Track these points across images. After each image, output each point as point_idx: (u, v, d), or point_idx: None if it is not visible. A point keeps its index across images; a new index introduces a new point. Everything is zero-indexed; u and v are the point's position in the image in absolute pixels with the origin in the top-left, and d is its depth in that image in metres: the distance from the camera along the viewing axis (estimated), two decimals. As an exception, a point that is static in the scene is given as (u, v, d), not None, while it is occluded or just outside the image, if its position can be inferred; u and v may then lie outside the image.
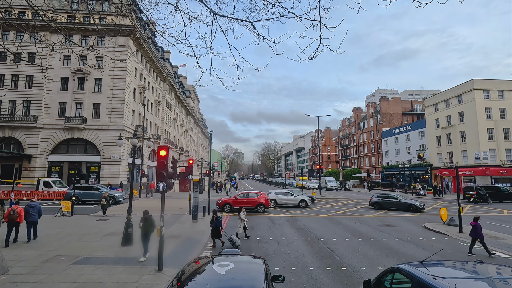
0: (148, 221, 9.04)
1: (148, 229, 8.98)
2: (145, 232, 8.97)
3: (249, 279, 3.86)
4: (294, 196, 24.18)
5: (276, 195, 24.31)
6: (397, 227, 15.43)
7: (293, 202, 23.83)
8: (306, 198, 24.25)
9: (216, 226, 10.94)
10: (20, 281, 7.11)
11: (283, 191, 25.71)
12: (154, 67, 44.32)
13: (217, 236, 11.01)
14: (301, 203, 23.69)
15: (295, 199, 23.83)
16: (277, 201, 23.88)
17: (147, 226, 8.98)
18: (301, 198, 23.95)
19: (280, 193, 24.94)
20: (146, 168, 38.97)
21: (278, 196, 24.21)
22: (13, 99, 32.56)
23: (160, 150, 8.45)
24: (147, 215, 9.14)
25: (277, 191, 25.62)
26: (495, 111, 38.19)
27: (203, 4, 5.26)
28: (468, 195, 29.04)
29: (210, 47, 5.70)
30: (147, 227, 8.98)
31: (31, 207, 11.44)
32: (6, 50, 13.08)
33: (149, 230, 8.99)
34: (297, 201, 23.72)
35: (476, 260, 4.30)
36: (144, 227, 8.97)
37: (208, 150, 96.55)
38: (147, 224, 9.00)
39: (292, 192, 25.24)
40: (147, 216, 9.11)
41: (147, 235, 9.00)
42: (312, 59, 5.16)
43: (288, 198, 24.09)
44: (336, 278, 7.78)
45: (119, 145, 17.33)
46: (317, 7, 4.74)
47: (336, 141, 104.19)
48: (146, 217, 9.08)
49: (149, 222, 9.03)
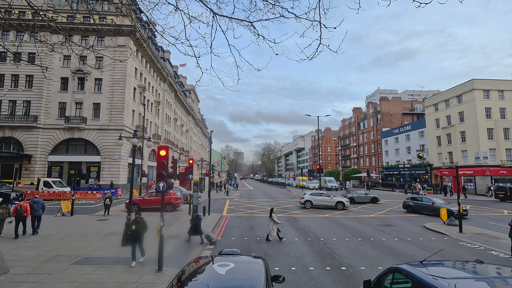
0: (140, 223, 8.57)
1: (139, 232, 8.51)
2: (136, 235, 8.48)
3: (249, 279, 3.86)
4: (330, 197, 23.40)
5: (311, 196, 23.64)
6: (397, 227, 15.43)
7: (329, 204, 23.01)
8: (344, 200, 23.27)
9: (196, 224, 11.35)
10: (20, 281, 7.11)
11: (319, 192, 24.73)
12: (154, 67, 44.32)
13: (196, 233, 11.41)
14: (338, 205, 22.80)
15: (332, 201, 23.05)
16: (313, 202, 23.25)
17: (139, 228, 8.52)
18: (338, 200, 23.12)
19: (315, 194, 24.07)
20: (146, 168, 38.97)
21: (314, 197, 23.55)
22: (13, 99, 32.57)
23: (160, 150, 8.46)
24: (139, 216, 8.67)
25: (312, 192, 24.84)
26: (495, 111, 38.19)
27: (203, 4, 5.25)
28: (501, 195, 29.99)
29: (210, 47, 5.70)
30: (139, 230, 8.50)
31: (36, 203, 12.66)
32: (6, 50, 13.08)
33: (140, 233, 8.52)
34: (334, 203, 22.88)
35: (476, 260, 4.30)
36: (137, 229, 8.49)
37: (208, 150, 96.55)
38: (139, 227, 8.53)
39: (328, 194, 24.37)
40: (139, 218, 8.63)
41: (139, 238, 8.52)
42: (312, 59, 5.17)
43: (324, 199, 23.32)
44: (336, 278, 7.78)
45: (119, 145, 17.33)
46: (317, 7, 4.74)
47: (336, 141, 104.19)
48: (138, 219, 8.60)
49: (141, 225, 8.56)
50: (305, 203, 23.33)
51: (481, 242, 12.00)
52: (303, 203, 23.45)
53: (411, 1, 4.33)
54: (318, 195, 23.93)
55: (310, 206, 23.18)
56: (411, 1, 4.42)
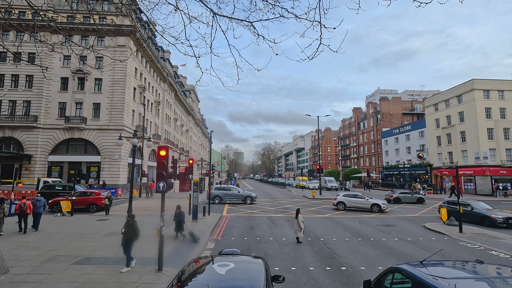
0: (131, 227, 8.13)
1: (130, 236, 8.08)
2: (126, 239, 8.06)
3: (249, 279, 3.86)
4: (365, 199, 22.17)
5: (344, 198, 22.70)
6: (397, 227, 15.43)
7: (364, 206, 21.80)
8: (380, 202, 21.76)
9: (179, 220, 11.57)
10: (20, 281, 7.10)
11: (353, 194, 23.47)
12: (154, 67, 44.32)
13: (180, 229, 11.66)
14: (373, 207, 21.41)
15: (366, 203, 21.80)
16: (346, 204, 22.29)
17: (129, 232, 8.09)
18: (373, 202, 21.70)
19: (349, 196, 23.02)
20: (146, 168, 38.98)
21: (347, 199, 22.54)
22: (13, 99, 32.57)
23: (160, 150, 8.45)
24: (131, 219, 8.25)
25: (346, 194, 23.77)
26: (495, 111, 38.20)
27: (203, 4, 5.26)
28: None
29: (210, 47, 5.70)
30: (129, 234, 8.08)
31: (38, 201, 13.50)
32: (6, 50, 13.09)
33: (131, 237, 8.10)
34: (369, 205, 21.60)
35: (476, 260, 4.30)
36: (126, 233, 8.07)
37: (208, 150, 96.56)
38: (130, 230, 8.10)
39: (362, 195, 23.12)
40: (131, 221, 8.22)
41: (129, 242, 8.09)
42: (312, 59, 5.15)
43: (358, 201, 22.20)
44: (336, 278, 7.78)
45: (119, 145, 17.34)
46: (317, 7, 4.74)
47: (336, 141, 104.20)
48: (129, 222, 8.19)
49: (131, 228, 8.11)
50: (338, 204, 22.51)
51: (481, 242, 12.00)
52: (335, 204, 22.70)
53: (411, 1, 4.33)
54: (352, 197, 22.79)
55: (343, 208, 22.23)
56: (411, 1, 4.43)
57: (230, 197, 26.27)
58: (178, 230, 11.80)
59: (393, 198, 28.54)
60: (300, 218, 11.81)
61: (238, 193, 26.54)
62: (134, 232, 8.11)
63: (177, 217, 11.77)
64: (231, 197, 26.30)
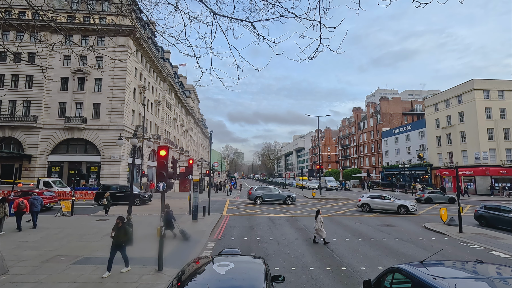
0: (122, 230, 7.60)
1: (120, 239, 7.59)
2: (116, 243, 7.57)
3: (249, 279, 3.85)
4: (391, 200, 21.08)
5: (369, 199, 21.75)
6: (397, 227, 15.43)
7: (390, 208, 20.78)
8: (408, 204, 20.53)
9: (167, 219, 11.57)
10: (20, 281, 7.10)
11: (378, 195, 22.45)
12: (154, 67, 44.32)
13: (169, 228, 11.72)
14: (400, 209, 20.32)
15: (393, 204, 20.73)
16: (371, 205, 21.33)
17: (119, 235, 7.57)
18: (400, 203, 20.54)
19: (374, 197, 22.00)
20: (146, 168, 38.97)
21: (372, 200, 21.59)
22: (13, 99, 32.56)
23: (160, 150, 8.46)
24: (121, 222, 7.71)
25: (370, 195, 22.76)
26: (495, 111, 38.20)
27: (203, 4, 5.25)
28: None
29: (210, 47, 5.70)
30: (119, 237, 7.57)
31: (36, 200, 14.00)
32: (6, 50, 13.10)
33: (122, 241, 7.60)
34: (395, 207, 20.53)
35: (476, 260, 4.30)
36: (117, 237, 7.56)
37: (208, 150, 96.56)
38: (120, 234, 7.58)
39: (388, 196, 21.99)
40: (120, 224, 7.69)
41: (121, 246, 7.63)
42: (312, 59, 5.16)
43: (383, 202, 21.24)
44: (336, 278, 7.78)
45: (119, 145, 17.32)
46: (317, 7, 4.74)
47: (336, 141, 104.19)
48: (119, 225, 7.67)
49: (122, 231, 7.59)
50: (362, 206, 21.66)
51: (481, 242, 12.00)
52: (359, 206, 21.87)
53: (410, 1, 4.33)
54: (377, 198, 21.78)
55: (368, 210, 21.36)
56: (410, 2, 4.43)
57: (271, 197, 26.36)
58: (167, 228, 11.93)
59: (425, 198, 28.38)
60: (320, 218, 11.53)
61: (279, 193, 26.81)
62: (126, 235, 7.64)
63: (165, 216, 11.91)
64: (272, 198, 26.36)
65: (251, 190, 26.44)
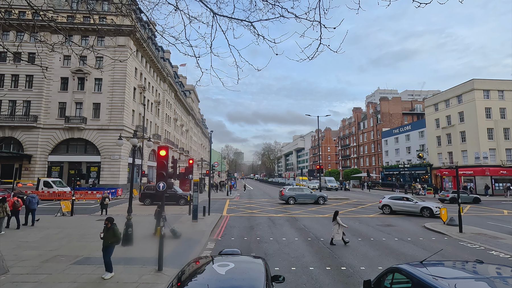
0: (110, 231, 7.50)
1: (111, 240, 7.45)
2: (106, 245, 7.46)
3: (249, 279, 3.86)
4: (413, 202, 19.89)
5: (390, 201, 20.79)
6: (397, 227, 15.43)
7: (412, 210, 19.60)
8: (432, 205, 19.24)
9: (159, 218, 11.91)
10: (20, 281, 7.10)
11: (400, 196, 21.50)
12: (154, 67, 44.32)
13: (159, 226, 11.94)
14: (424, 212, 19.12)
15: (416, 206, 19.57)
16: (392, 207, 20.36)
17: (108, 237, 7.45)
18: (424, 205, 19.34)
19: (396, 198, 21.07)
20: (146, 168, 38.98)
21: (394, 202, 20.64)
22: (13, 99, 32.58)
23: (160, 150, 8.46)
24: (110, 223, 7.59)
25: (392, 196, 21.78)
26: (495, 111, 38.19)
27: (203, 4, 5.26)
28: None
29: (210, 47, 5.70)
30: (109, 238, 7.44)
31: (33, 198, 14.52)
32: (6, 50, 13.09)
33: (112, 242, 7.48)
34: (418, 209, 19.42)
35: (476, 260, 4.30)
36: (106, 238, 7.44)
37: (208, 150, 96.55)
38: (109, 235, 7.46)
39: (411, 197, 20.81)
40: (109, 225, 7.57)
41: (109, 247, 7.50)
42: (312, 59, 5.15)
43: (405, 204, 20.11)
44: (336, 278, 7.78)
45: (119, 145, 17.33)
46: (317, 7, 4.74)
47: (336, 141, 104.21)
48: (108, 227, 7.56)
49: (111, 233, 7.48)
50: (383, 207, 20.71)
51: (481, 242, 12.00)
52: (380, 208, 20.98)
53: (410, 1, 4.33)
54: (399, 199, 20.76)
55: (389, 212, 20.37)
56: (410, 2, 4.43)
57: (304, 197, 26.62)
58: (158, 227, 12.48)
59: (449, 198, 28.20)
60: (338, 220, 11.29)
61: (311, 193, 27.13)
62: (115, 236, 7.52)
63: (157, 215, 12.45)
64: (304, 198, 26.62)
65: (283, 191, 26.88)
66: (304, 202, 26.52)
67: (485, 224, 16.55)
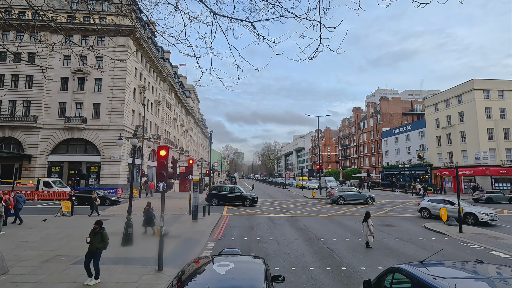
0: (98, 235, 7.10)
1: (95, 246, 7.04)
2: (91, 250, 7.06)
3: (249, 279, 3.86)
4: (454, 206, 17.03)
5: (430, 203, 19.21)
6: (397, 227, 15.43)
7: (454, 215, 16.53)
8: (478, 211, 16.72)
9: (148, 216, 12.56)
10: (20, 281, 7.10)
11: (441, 199, 19.25)
12: (154, 67, 44.32)
13: (149, 225, 12.60)
14: (467, 218, 16.86)
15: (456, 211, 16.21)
16: (431, 211, 18.76)
17: (95, 241, 7.04)
18: (467, 211, 16.97)
19: (436, 201, 19.15)
20: (146, 168, 38.97)
21: (433, 205, 18.88)
22: (13, 99, 32.57)
23: (160, 150, 8.46)
24: (98, 227, 7.22)
25: (432, 199, 20.06)
26: (495, 111, 38.19)
27: (203, 4, 5.26)
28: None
29: (210, 47, 5.70)
30: (94, 243, 7.04)
31: (20, 197, 14.92)
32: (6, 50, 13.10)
33: (97, 247, 7.06)
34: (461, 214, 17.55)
35: (476, 260, 4.30)
36: (93, 242, 7.03)
37: (208, 150, 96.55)
38: (96, 240, 7.06)
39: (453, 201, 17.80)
40: (98, 229, 7.19)
41: (96, 252, 7.10)
42: (312, 59, 5.16)
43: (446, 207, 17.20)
44: (336, 278, 7.78)
45: (119, 145, 17.33)
46: (317, 7, 4.74)
47: (336, 141, 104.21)
48: (96, 230, 7.18)
49: (98, 237, 7.09)
50: (422, 211, 19.37)
51: (481, 242, 12.00)
52: (419, 211, 19.69)
53: (410, 1, 4.33)
54: (440, 202, 18.74)
55: (428, 216, 18.88)
56: (410, 2, 4.43)
57: (353, 197, 27.35)
58: (146, 225, 12.73)
59: (485, 198, 28.13)
60: (370, 222, 10.99)
61: (359, 193, 27.91)
62: (103, 241, 7.15)
63: (146, 214, 12.77)
64: (354, 198, 27.32)
65: (332, 191, 27.79)
66: (353, 202, 27.10)
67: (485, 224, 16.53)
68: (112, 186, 30.37)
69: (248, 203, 24.28)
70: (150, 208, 12.71)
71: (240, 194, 24.89)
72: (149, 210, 12.66)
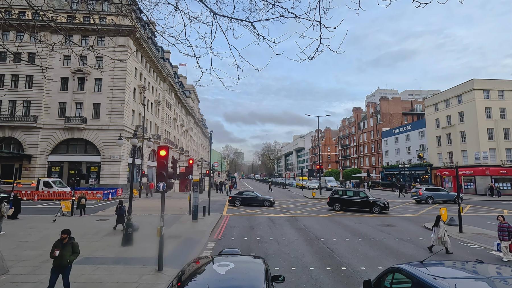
0: (68, 246, 5.93)
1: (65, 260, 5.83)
2: (59, 264, 5.80)
3: (249, 279, 3.86)
4: None
5: None
6: (397, 227, 15.42)
7: None
8: None
9: (120, 214, 13.36)
10: (20, 281, 7.10)
11: None
12: (154, 67, 44.31)
13: (120, 222, 13.29)
14: None
15: None
16: None
17: (65, 254, 5.84)
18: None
19: None
20: (146, 168, 38.97)
21: None
22: (13, 99, 32.57)
23: (160, 150, 8.45)
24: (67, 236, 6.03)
25: None
26: (495, 111, 38.18)
27: (203, 4, 5.26)
28: None
29: (210, 47, 5.70)
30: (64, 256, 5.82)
31: None
32: (6, 50, 13.09)
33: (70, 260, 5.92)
34: None
35: (476, 260, 4.30)
36: (63, 256, 5.80)
37: (208, 150, 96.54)
38: (66, 252, 5.86)
39: None
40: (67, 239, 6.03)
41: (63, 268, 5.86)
42: (312, 59, 5.16)
43: None
44: (336, 278, 7.78)
45: (119, 145, 17.33)
46: (317, 7, 4.74)
47: (336, 141, 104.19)
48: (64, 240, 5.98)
49: (68, 249, 5.90)
50: None
51: (481, 242, 12.00)
52: None
53: (410, 1, 4.33)
54: None
55: None
56: (409, 2, 4.43)
57: (441, 197, 27.91)
58: (118, 222, 13.50)
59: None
60: (442, 226, 10.38)
61: (448, 193, 28.39)
62: (74, 252, 6.04)
63: (118, 211, 13.55)
64: (442, 198, 27.85)
65: (420, 191, 28.06)
66: (440, 201, 27.53)
67: (485, 224, 16.52)
68: (112, 186, 30.37)
69: (377, 210, 22.01)
70: (122, 206, 13.57)
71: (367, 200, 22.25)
72: (121, 208, 13.50)
